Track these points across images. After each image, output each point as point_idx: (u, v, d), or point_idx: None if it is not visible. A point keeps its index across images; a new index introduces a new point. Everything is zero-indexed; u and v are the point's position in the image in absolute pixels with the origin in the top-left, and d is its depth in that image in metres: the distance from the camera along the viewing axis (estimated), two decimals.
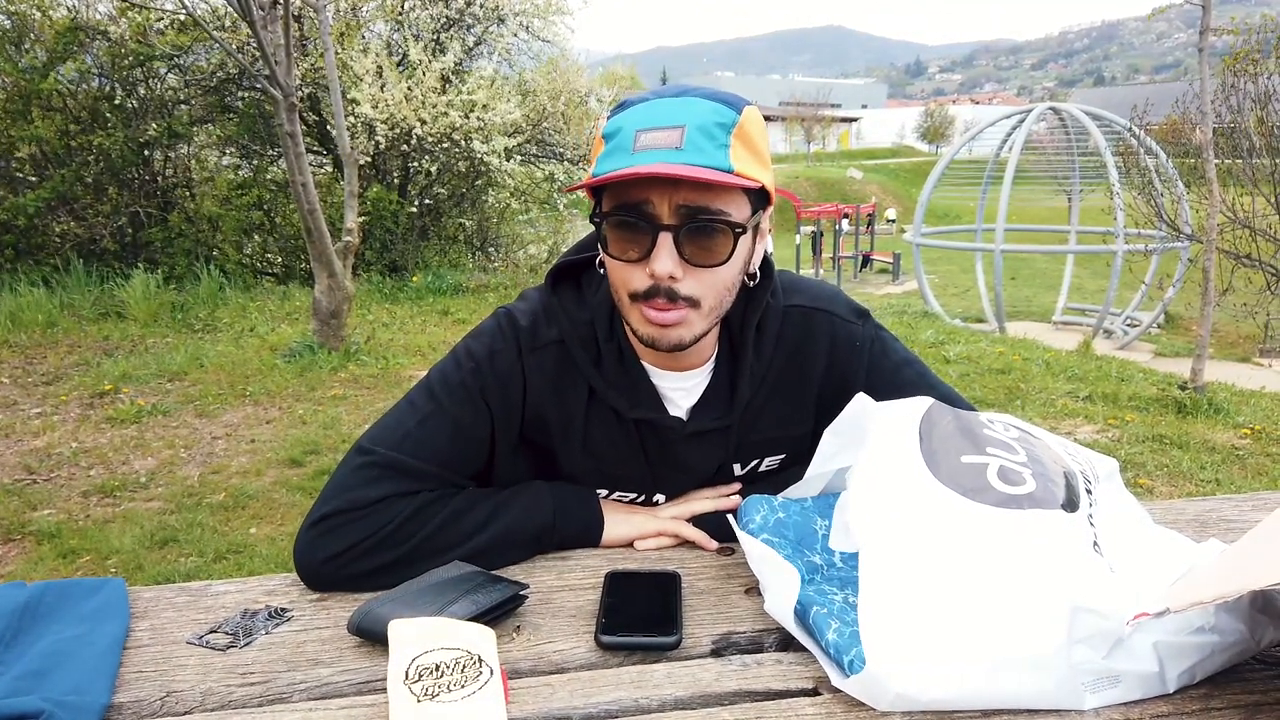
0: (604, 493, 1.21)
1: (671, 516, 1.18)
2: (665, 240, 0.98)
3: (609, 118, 1.03)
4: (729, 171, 0.96)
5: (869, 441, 0.95)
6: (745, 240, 1.03)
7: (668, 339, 1.03)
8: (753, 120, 1.01)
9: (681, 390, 1.15)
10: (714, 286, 1.03)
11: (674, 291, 1.00)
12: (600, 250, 1.06)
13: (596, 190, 1.04)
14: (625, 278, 1.02)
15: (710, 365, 1.16)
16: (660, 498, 1.22)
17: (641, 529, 1.16)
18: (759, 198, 1.04)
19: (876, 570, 0.83)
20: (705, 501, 1.19)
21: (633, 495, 1.21)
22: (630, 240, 1.00)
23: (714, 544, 1.14)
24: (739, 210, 1.00)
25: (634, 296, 1.02)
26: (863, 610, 0.81)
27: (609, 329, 1.13)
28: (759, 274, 1.13)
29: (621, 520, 1.17)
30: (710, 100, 1.00)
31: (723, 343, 1.16)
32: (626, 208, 0.99)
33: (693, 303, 1.01)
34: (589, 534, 1.15)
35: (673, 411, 1.15)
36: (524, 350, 1.13)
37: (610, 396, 1.13)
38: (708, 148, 0.96)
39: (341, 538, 1.05)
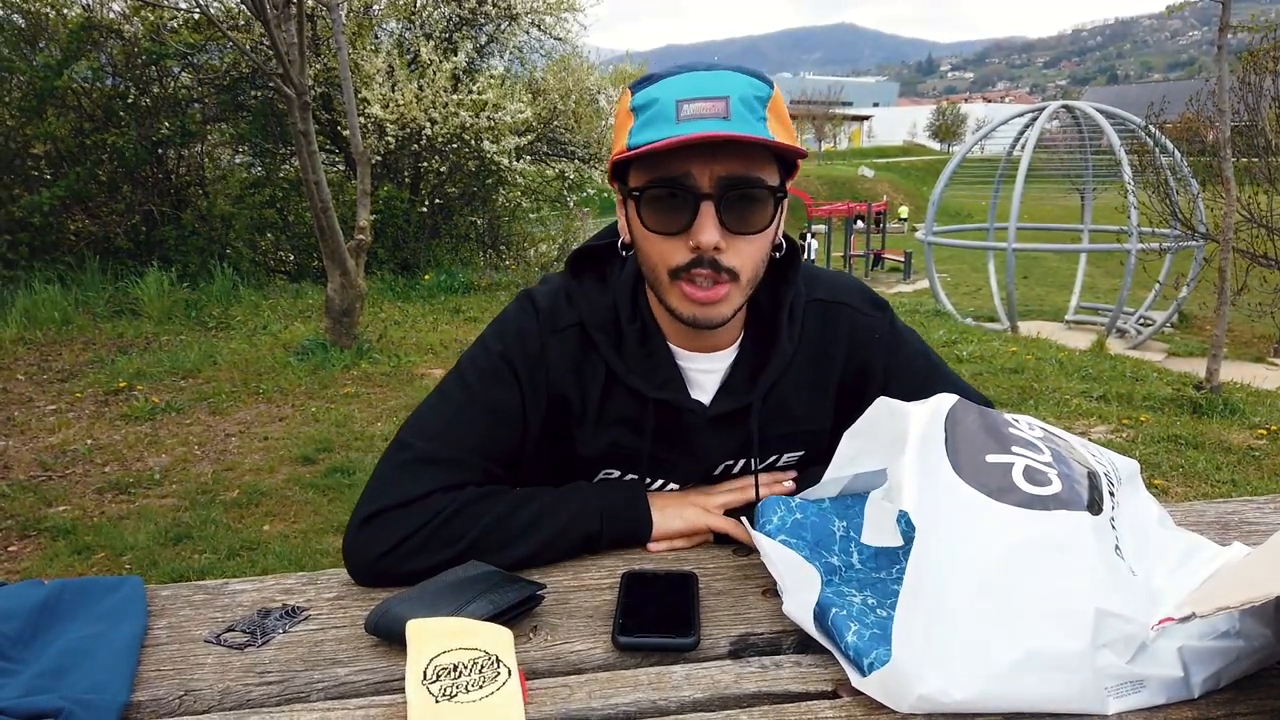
0: (614, 475, 1.19)
1: (720, 505, 1.16)
2: (708, 210, 0.99)
3: (634, 91, 1.03)
4: (777, 141, 0.98)
5: (894, 440, 0.94)
6: (781, 207, 1.05)
7: (709, 316, 1.04)
8: (779, 95, 1.04)
9: (706, 373, 1.15)
10: (752, 257, 1.04)
11: (717, 262, 1.01)
12: (629, 229, 1.07)
13: (622, 168, 1.05)
14: (664, 253, 1.02)
15: (735, 348, 1.16)
16: (673, 486, 1.21)
17: (693, 524, 1.14)
18: (785, 169, 1.05)
19: (913, 572, 0.82)
20: (761, 489, 1.17)
21: (647, 483, 1.20)
22: (670, 212, 1.00)
23: None
24: (772, 178, 1.02)
25: (674, 273, 1.02)
26: (899, 610, 0.81)
27: (632, 311, 1.13)
28: (788, 256, 1.14)
29: (673, 515, 1.14)
30: (744, 74, 1.02)
31: (749, 326, 1.16)
32: (666, 180, 0.99)
33: (733, 275, 1.02)
34: (639, 536, 1.13)
35: (695, 394, 1.15)
36: (545, 332, 1.13)
37: (631, 379, 1.12)
38: (750, 119, 0.98)
39: (390, 534, 1.05)
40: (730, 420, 1.16)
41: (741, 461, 1.21)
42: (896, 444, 0.93)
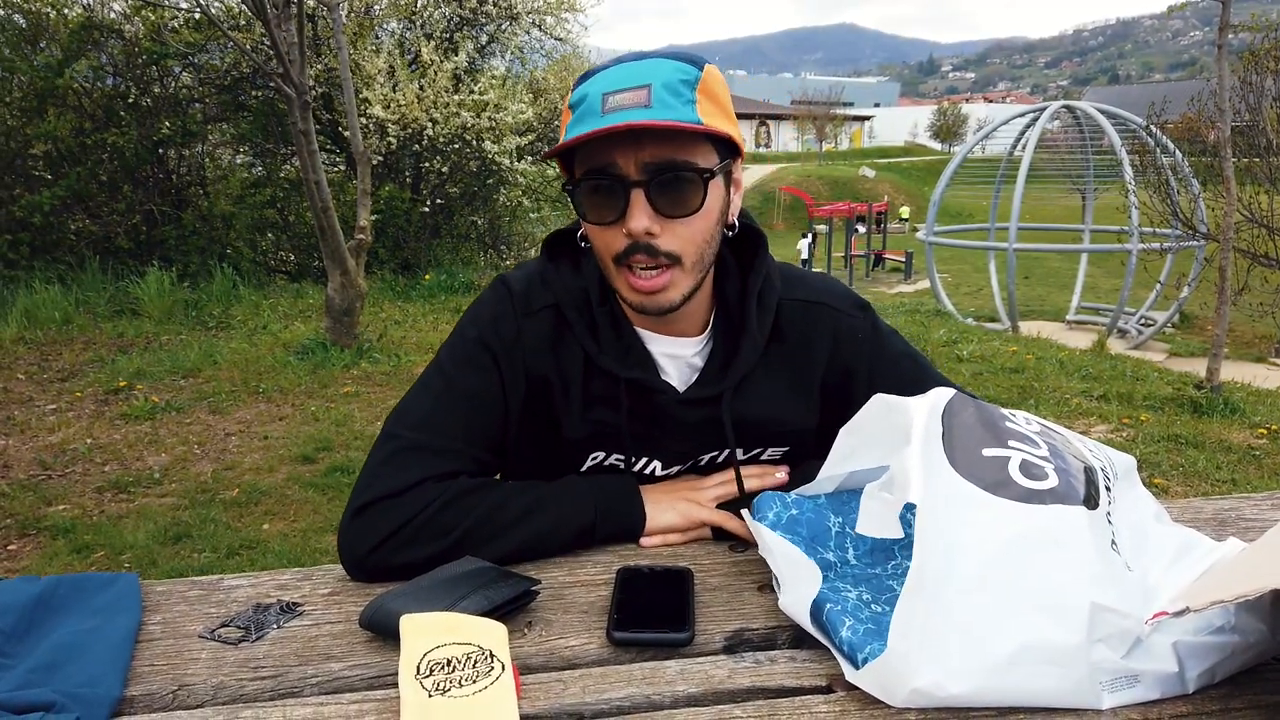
0: (600, 457, 1.20)
1: (713, 499, 1.16)
2: (637, 197, 1.01)
3: (574, 88, 1.05)
4: (697, 124, 0.99)
5: (894, 435, 0.94)
6: (716, 186, 1.06)
7: (656, 303, 1.06)
8: (714, 76, 1.05)
9: (673, 357, 1.16)
10: (692, 240, 1.05)
11: (654, 248, 1.03)
12: (581, 220, 1.09)
13: (569, 162, 1.08)
14: (605, 242, 1.05)
15: (706, 336, 1.18)
16: (656, 464, 1.21)
17: (687, 517, 1.14)
18: (727, 148, 1.07)
19: (917, 566, 0.82)
20: (751, 480, 1.17)
21: (632, 461, 1.20)
22: (604, 203, 1.03)
23: None
24: (706, 159, 1.04)
25: (617, 261, 1.05)
26: (900, 603, 0.80)
27: (601, 294, 1.15)
28: (752, 244, 1.16)
29: (666, 509, 1.15)
30: (673, 60, 1.04)
31: (719, 316, 1.17)
32: (595, 171, 1.02)
33: (674, 259, 1.04)
34: (633, 531, 1.14)
35: (666, 378, 1.16)
36: (519, 314, 1.14)
37: (603, 360, 1.13)
38: (675, 104, 0.99)
39: (382, 526, 1.05)
40: (702, 406, 1.16)
41: (725, 453, 1.21)
42: (897, 438, 0.92)
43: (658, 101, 0.99)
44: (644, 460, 1.21)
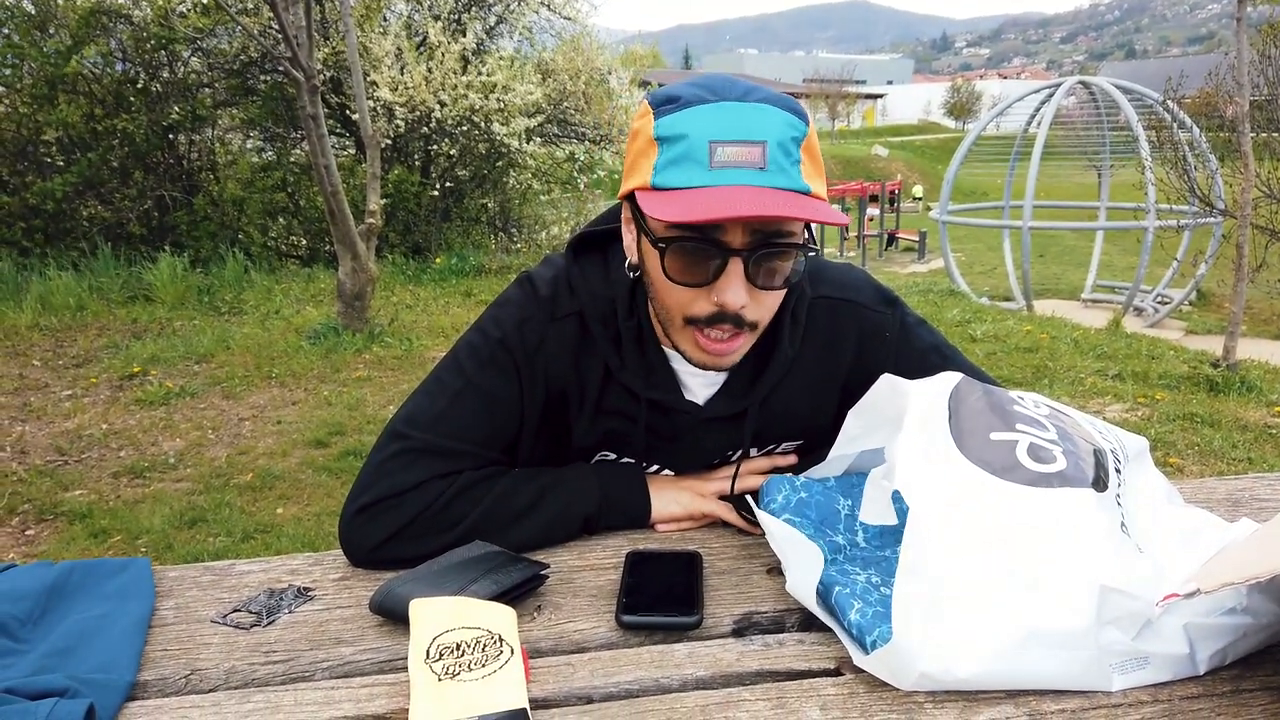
0: (611, 457, 1.19)
1: (716, 491, 1.16)
2: (735, 266, 0.94)
3: (657, 113, 0.94)
4: (806, 193, 0.92)
5: (896, 418, 0.93)
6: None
7: (721, 365, 1.03)
8: (814, 131, 0.98)
9: (700, 377, 1.13)
10: (772, 308, 1.02)
11: (741, 318, 0.97)
12: (642, 263, 1.02)
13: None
14: (683, 302, 0.98)
15: None
16: (668, 473, 1.20)
17: (689, 509, 1.14)
18: None
19: (908, 549, 0.82)
20: (757, 478, 1.16)
21: (644, 466, 1.20)
22: (696, 265, 0.95)
23: (759, 529, 1.09)
24: (799, 226, 0.97)
25: (691, 321, 0.99)
26: (896, 588, 0.80)
27: (629, 308, 1.10)
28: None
29: (670, 499, 1.14)
30: (781, 109, 0.94)
31: None
32: (693, 229, 0.93)
33: (753, 327, 1.00)
34: (637, 520, 1.13)
35: (689, 396, 1.13)
36: (545, 320, 1.10)
37: (625, 375, 1.11)
38: (786, 165, 0.92)
39: (385, 524, 1.05)
40: (725, 421, 1.14)
41: (740, 450, 1.20)
42: (897, 422, 0.92)
43: (773, 163, 0.90)
44: (655, 467, 1.20)
